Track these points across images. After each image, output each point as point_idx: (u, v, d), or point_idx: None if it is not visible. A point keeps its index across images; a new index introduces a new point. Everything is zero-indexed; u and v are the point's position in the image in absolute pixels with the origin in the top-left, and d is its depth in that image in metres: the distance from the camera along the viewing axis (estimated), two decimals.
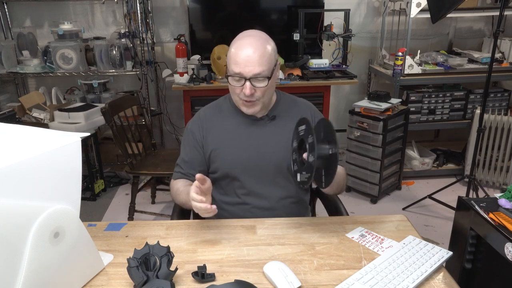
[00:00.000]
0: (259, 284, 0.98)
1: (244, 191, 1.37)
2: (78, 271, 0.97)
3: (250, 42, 1.22)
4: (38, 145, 0.87)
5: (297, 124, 1.17)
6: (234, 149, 1.35)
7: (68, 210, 0.91)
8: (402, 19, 3.28)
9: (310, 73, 2.98)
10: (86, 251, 0.99)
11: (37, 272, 0.85)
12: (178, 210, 1.44)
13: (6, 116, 2.64)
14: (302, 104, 1.45)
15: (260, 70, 1.21)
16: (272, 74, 1.24)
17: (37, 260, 0.84)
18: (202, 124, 1.38)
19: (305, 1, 3.28)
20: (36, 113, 2.98)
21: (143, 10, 3.04)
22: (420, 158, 3.26)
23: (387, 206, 2.92)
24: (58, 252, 0.89)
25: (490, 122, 3.00)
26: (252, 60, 1.20)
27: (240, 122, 1.37)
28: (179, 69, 2.92)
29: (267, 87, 1.25)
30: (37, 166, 0.83)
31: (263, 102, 1.29)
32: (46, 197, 0.86)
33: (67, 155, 0.90)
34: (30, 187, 0.82)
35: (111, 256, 1.09)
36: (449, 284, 0.99)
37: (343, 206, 1.46)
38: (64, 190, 0.90)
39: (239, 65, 1.21)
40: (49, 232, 0.86)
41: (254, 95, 1.25)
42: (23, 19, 3.28)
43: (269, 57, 1.22)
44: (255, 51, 1.20)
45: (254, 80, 1.22)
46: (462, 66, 3.11)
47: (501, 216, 1.27)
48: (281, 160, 1.34)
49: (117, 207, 2.93)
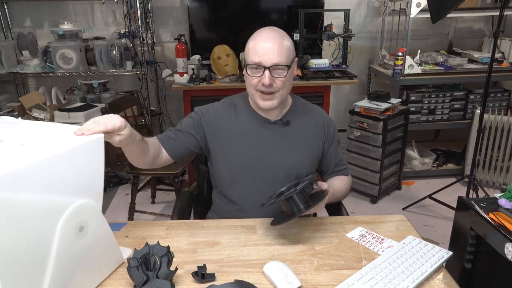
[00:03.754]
0: (259, 284, 0.98)
1: (245, 193, 1.34)
2: (100, 264, 1.00)
3: (270, 34, 1.23)
4: (64, 141, 0.88)
5: (307, 177, 1.22)
6: (241, 148, 1.32)
7: (92, 204, 0.93)
8: (402, 19, 3.28)
9: (310, 73, 2.98)
10: (108, 244, 1.01)
11: (64, 265, 0.87)
12: (178, 210, 1.44)
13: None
14: (317, 113, 1.42)
15: (279, 60, 1.21)
16: (291, 65, 1.24)
17: (64, 253, 0.86)
18: (211, 119, 1.34)
19: (305, 1, 3.28)
20: (36, 113, 2.98)
21: (143, 10, 3.04)
22: (420, 158, 3.26)
23: (387, 206, 2.92)
24: (83, 245, 0.91)
25: (490, 122, 3.00)
26: (272, 50, 1.20)
27: (252, 123, 1.34)
28: (179, 69, 2.92)
29: (286, 79, 1.24)
30: (63, 162, 0.85)
31: (281, 95, 1.26)
32: (71, 192, 0.88)
33: (91, 151, 0.92)
34: (57, 182, 0.84)
35: (129, 250, 1.11)
36: (449, 284, 0.99)
37: (343, 206, 1.46)
38: (88, 185, 0.92)
39: (258, 54, 1.21)
40: (74, 226, 0.88)
41: (273, 85, 1.23)
42: (23, 19, 3.28)
43: (287, 50, 1.23)
44: (274, 42, 1.21)
45: (273, 70, 1.21)
46: (462, 66, 3.11)
47: (501, 216, 1.27)
48: (289, 167, 1.32)
49: (117, 207, 2.93)
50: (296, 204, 1.12)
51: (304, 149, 1.35)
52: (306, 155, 1.36)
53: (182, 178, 3.23)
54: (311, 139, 1.37)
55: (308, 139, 1.37)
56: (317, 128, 1.38)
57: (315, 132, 1.38)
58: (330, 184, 1.35)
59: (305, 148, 1.35)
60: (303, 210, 1.11)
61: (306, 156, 1.36)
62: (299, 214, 1.11)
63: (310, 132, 1.37)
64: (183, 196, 1.56)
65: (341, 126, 3.66)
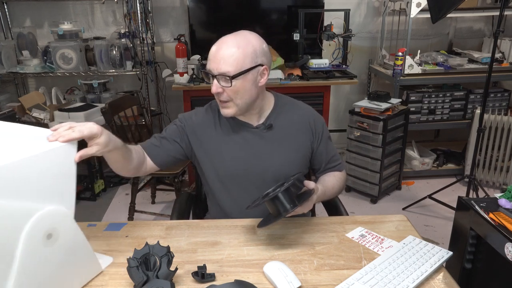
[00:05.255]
0: (259, 284, 0.98)
1: (231, 200, 1.32)
2: (73, 273, 0.96)
3: (226, 41, 1.18)
4: (34, 145, 0.86)
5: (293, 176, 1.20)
6: (227, 156, 1.29)
7: (62, 211, 0.90)
8: (402, 19, 3.28)
9: (310, 73, 2.98)
10: (81, 252, 0.97)
11: (29, 274, 0.84)
12: (177, 211, 1.44)
13: (6, 116, 2.64)
14: (303, 110, 1.38)
15: (225, 70, 1.15)
16: (239, 75, 1.16)
17: (29, 261, 0.83)
18: (194, 127, 1.32)
19: (305, 1, 3.28)
20: (36, 113, 2.98)
21: (143, 10, 3.04)
22: (420, 158, 3.26)
23: (387, 206, 2.92)
24: (52, 253, 0.88)
25: (490, 122, 2.99)
26: (219, 58, 1.15)
27: (235, 129, 1.30)
28: (179, 69, 2.92)
29: (235, 89, 1.17)
30: (31, 167, 0.82)
31: (236, 104, 1.21)
32: (39, 198, 0.85)
33: (62, 156, 0.90)
34: (23, 188, 0.81)
35: (111, 258, 1.08)
36: (449, 284, 0.99)
37: (343, 206, 1.45)
38: (58, 191, 0.89)
39: (209, 61, 1.19)
40: (41, 234, 0.85)
41: (223, 94, 1.19)
42: (23, 19, 3.28)
43: (239, 58, 1.15)
44: (226, 49, 1.16)
45: (221, 79, 1.17)
46: (462, 66, 3.11)
47: (501, 216, 1.27)
48: (276, 170, 1.29)
49: (117, 207, 2.93)
50: (281, 203, 1.09)
51: (291, 151, 1.32)
52: (294, 156, 1.32)
53: (182, 178, 3.23)
54: (297, 138, 1.33)
55: (294, 139, 1.33)
56: (303, 127, 1.34)
57: (301, 131, 1.34)
58: (322, 181, 1.33)
59: (292, 149, 1.32)
60: (289, 209, 1.08)
61: (294, 157, 1.32)
62: (285, 215, 1.08)
63: (296, 131, 1.33)
64: (182, 197, 1.57)
65: (341, 126, 3.68)
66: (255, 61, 1.19)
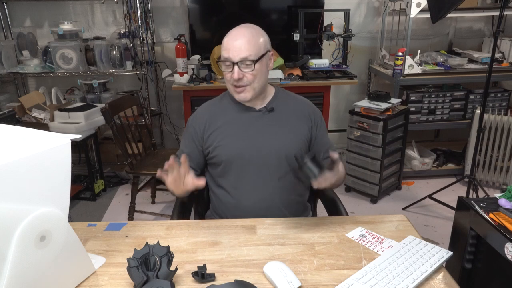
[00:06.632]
0: (259, 284, 0.98)
1: (238, 180, 1.38)
2: (66, 275, 0.96)
3: (240, 31, 1.29)
4: (27, 146, 0.85)
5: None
6: (231, 137, 1.37)
7: (55, 213, 0.90)
8: (402, 19, 3.28)
9: (310, 73, 2.98)
10: (75, 254, 0.97)
11: (21, 276, 0.83)
12: (178, 210, 1.44)
13: (6, 116, 2.64)
14: (302, 101, 1.48)
15: (246, 54, 1.26)
16: (259, 59, 1.28)
17: (21, 263, 0.83)
18: (204, 118, 1.41)
19: (305, 1, 3.28)
20: (36, 113, 2.98)
21: (143, 10, 3.04)
22: (420, 158, 3.26)
23: (387, 206, 2.93)
24: (45, 255, 0.88)
25: (490, 122, 3.00)
26: (239, 45, 1.26)
27: (239, 114, 1.40)
28: (179, 69, 2.92)
29: (255, 72, 1.28)
30: (23, 169, 0.82)
31: (254, 88, 1.32)
32: (32, 200, 0.84)
33: (56, 158, 0.89)
34: (16, 190, 0.81)
35: (103, 259, 1.08)
36: (449, 284, 0.99)
37: (343, 206, 1.46)
38: (52, 193, 0.89)
39: (227, 51, 1.27)
40: (34, 236, 0.85)
41: (243, 79, 1.29)
42: (23, 19, 3.28)
43: (256, 43, 1.27)
44: (243, 37, 1.27)
45: (242, 65, 1.27)
46: (462, 66, 3.11)
47: (501, 216, 1.27)
48: (278, 149, 1.36)
49: (117, 207, 2.93)
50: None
51: (292, 132, 1.40)
52: (294, 137, 1.40)
53: None
54: (296, 122, 1.42)
55: (294, 122, 1.41)
56: (302, 114, 1.43)
57: (300, 117, 1.43)
58: None
59: (292, 131, 1.40)
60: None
61: (294, 138, 1.40)
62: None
63: (295, 117, 1.42)
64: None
65: (341, 126, 3.68)
66: (266, 47, 1.32)
